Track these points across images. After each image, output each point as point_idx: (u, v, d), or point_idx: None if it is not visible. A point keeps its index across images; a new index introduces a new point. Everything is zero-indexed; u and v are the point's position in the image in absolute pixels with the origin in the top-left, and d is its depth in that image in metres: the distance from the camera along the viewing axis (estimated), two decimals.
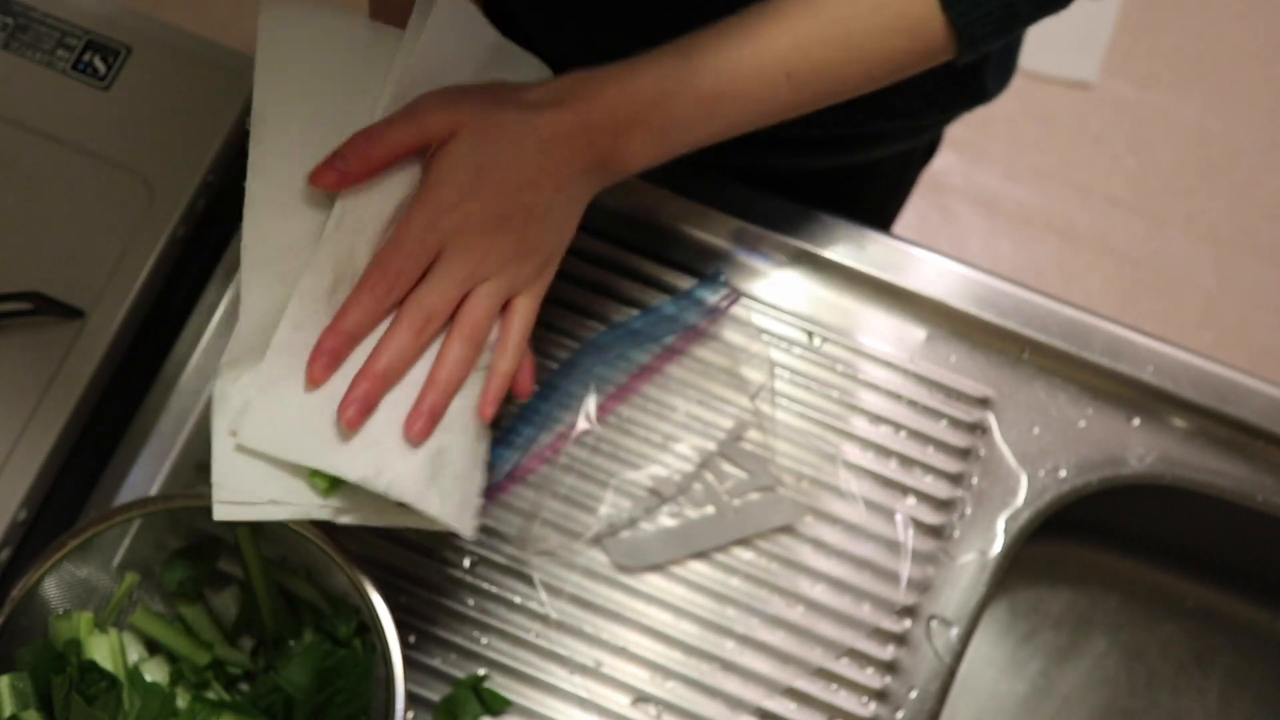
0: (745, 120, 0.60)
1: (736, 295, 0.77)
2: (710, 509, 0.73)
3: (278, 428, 0.57)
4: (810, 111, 0.61)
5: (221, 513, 0.57)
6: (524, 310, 0.60)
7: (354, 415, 0.56)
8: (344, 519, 0.59)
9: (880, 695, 0.71)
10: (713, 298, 0.76)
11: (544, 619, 0.72)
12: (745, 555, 0.73)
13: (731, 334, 0.76)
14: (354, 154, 0.57)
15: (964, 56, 0.60)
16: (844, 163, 0.83)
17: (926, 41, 0.59)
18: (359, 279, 0.57)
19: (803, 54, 0.58)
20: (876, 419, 0.76)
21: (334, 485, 0.58)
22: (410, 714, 0.69)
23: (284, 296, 0.59)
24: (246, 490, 0.57)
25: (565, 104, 0.58)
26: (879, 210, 0.98)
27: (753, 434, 0.75)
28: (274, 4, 0.61)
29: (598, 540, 0.72)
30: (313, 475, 0.58)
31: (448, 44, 0.62)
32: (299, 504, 0.58)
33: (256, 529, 0.68)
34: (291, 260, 0.60)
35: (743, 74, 0.58)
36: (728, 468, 0.74)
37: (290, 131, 0.60)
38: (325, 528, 0.66)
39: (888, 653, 0.72)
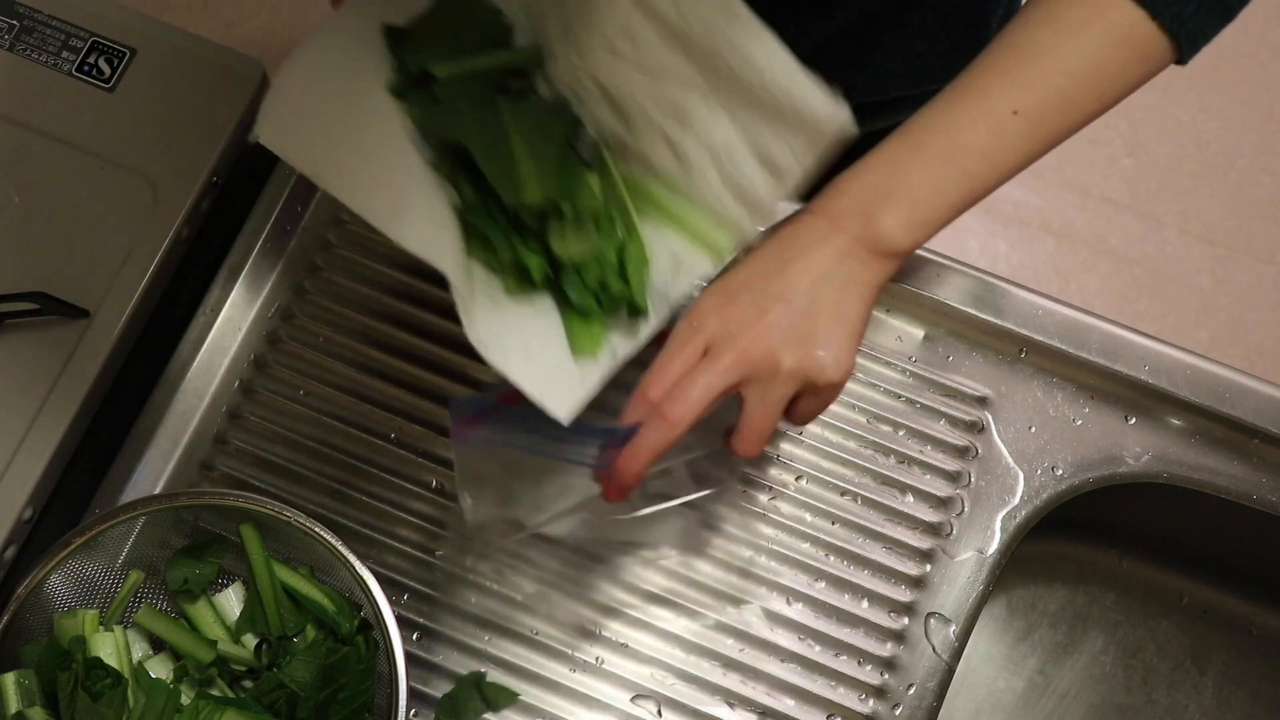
0: (990, 170, 0.59)
1: None
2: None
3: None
4: (1052, 146, 0.61)
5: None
6: (805, 408, 0.60)
7: (616, 495, 0.60)
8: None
9: (879, 692, 0.72)
10: None
11: (546, 616, 0.72)
12: (744, 553, 0.74)
13: None
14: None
15: (1187, 57, 0.59)
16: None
17: (1143, 48, 0.58)
18: (638, 387, 0.58)
19: (1024, 89, 0.57)
20: (875, 417, 0.77)
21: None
22: (413, 710, 0.70)
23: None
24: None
25: (805, 210, 0.60)
26: None
27: None
28: (263, 124, 0.60)
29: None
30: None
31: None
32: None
33: (261, 528, 0.68)
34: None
35: (967, 124, 0.58)
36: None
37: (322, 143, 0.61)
38: (331, 526, 0.66)
39: (887, 650, 0.73)
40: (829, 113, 0.56)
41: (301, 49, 0.60)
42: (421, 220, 0.59)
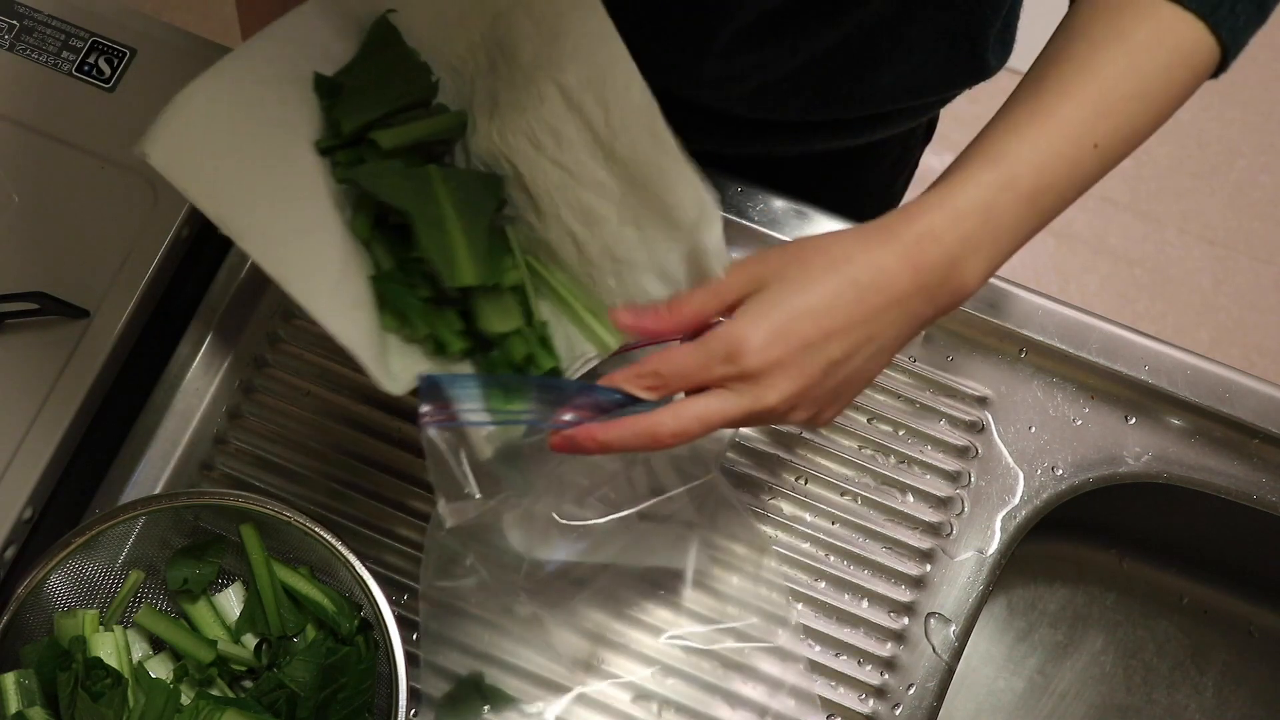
0: (1060, 206, 0.56)
1: None
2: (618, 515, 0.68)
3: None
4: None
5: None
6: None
7: (560, 445, 0.55)
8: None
9: (879, 692, 0.72)
10: None
11: (546, 616, 0.72)
12: (744, 551, 0.74)
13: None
14: (658, 320, 0.56)
15: (1227, 67, 0.57)
16: (849, 144, 0.84)
17: (1202, 64, 0.56)
18: (631, 365, 0.55)
19: (1104, 120, 0.54)
20: (876, 417, 0.77)
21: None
22: (412, 710, 0.70)
23: (369, 320, 0.59)
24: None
25: (886, 241, 0.54)
26: (885, 188, 0.98)
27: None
28: (153, 140, 0.56)
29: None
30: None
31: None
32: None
33: (261, 528, 0.68)
34: (351, 286, 0.59)
35: (1052, 160, 0.54)
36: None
37: (248, 200, 0.58)
38: (331, 526, 0.66)
39: (887, 650, 0.73)
40: (718, 254, 0.55)
41: (211, 75, 0.57)
42: (336, 292, 0.58)
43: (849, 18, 0.70)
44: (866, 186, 0.95)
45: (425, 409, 0.55)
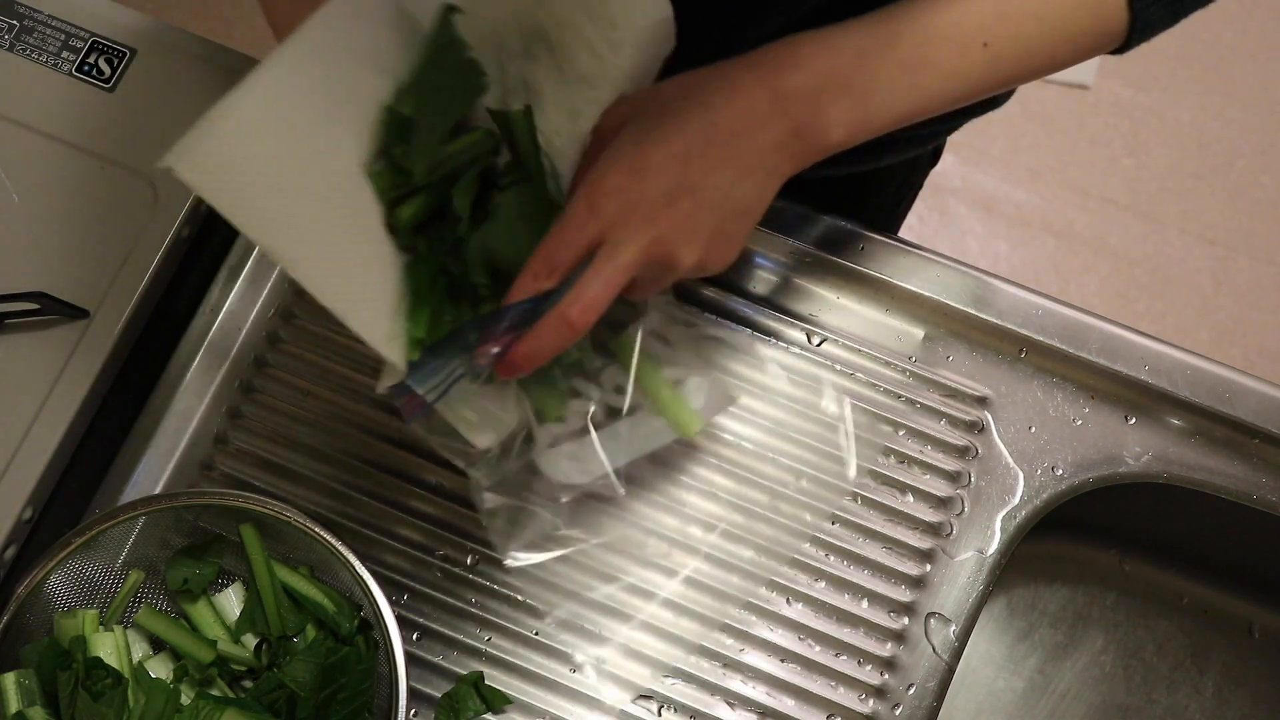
0: (941, 93, 0.56)
1: None
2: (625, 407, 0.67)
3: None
4: (1000, 93, 0.58)
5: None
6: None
7: (505, 373, 0.55)
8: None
9: (879, 692, 0.72)
10: None
11: (545, 616, 0.72)
12: (745, 553, 0.74)
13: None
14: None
15: (1131, 43, 0.58)
16: (859, 169, 0.84)
17: (1105, 21, 0.57)
18: (522, 272, 0.54)
19: (1001, 22, 0.55)
20: (876, 418, 0.77)
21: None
22: (412, 710, 0.70)
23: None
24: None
25: (746, 66, 0.52)
26: (890, 212, 0.98)
27: None
28: (183, 155, 0.48)
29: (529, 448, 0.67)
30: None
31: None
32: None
33: (261, 528, 0.68)
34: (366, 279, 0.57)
35: (943, 39, 0.54)
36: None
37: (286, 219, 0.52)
38: (331, 526, 0.66)
39: (886, 650, 0.73)
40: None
41: (251, 85, 0.50)
42: (396, 323, 0.56)
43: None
44: (874, 208, 0.95)
45: (403, 408, 0.59)
